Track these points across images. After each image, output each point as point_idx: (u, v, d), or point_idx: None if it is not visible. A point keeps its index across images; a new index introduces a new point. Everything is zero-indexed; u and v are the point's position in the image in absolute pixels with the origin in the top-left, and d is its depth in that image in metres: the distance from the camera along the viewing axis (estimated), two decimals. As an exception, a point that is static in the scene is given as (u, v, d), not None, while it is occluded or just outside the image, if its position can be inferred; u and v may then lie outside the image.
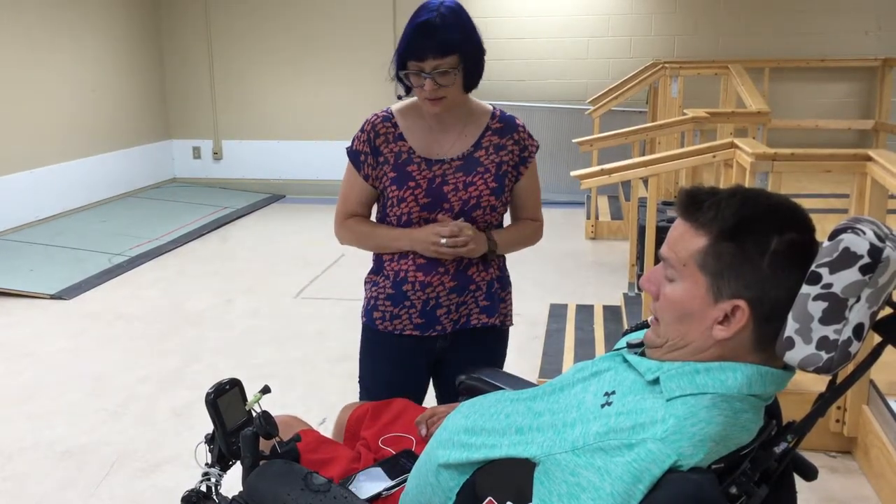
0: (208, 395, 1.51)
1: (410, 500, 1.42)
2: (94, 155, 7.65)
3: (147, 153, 8.48)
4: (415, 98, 1.97)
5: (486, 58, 1.98)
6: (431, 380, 2.15)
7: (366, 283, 2.12)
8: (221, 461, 1.56)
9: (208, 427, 1.57)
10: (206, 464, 1.57)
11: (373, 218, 2.09)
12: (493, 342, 2.13)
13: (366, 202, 2.06)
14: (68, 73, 7.30)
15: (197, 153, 8.81)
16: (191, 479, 1.62)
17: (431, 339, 2.04)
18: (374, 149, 1.99)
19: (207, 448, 1.58)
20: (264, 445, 1.49)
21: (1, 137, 6.55)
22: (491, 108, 2.05)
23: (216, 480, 1.56)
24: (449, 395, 2.03)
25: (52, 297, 5.14)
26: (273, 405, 1.58)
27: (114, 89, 7.94)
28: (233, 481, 1.54)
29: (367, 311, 2.10)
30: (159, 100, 8.69)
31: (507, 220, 2.13)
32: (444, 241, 1.91)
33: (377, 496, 1.51)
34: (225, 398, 1.51)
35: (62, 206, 7.22)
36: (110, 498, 2.83)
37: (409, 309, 2.01)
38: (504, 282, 2.12)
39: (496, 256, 2.06)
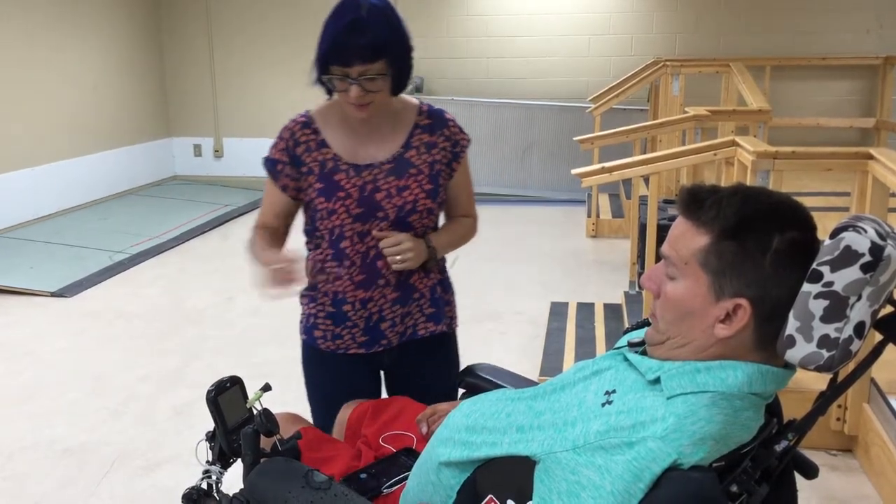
0: (209, 392, 1.51)
1: (411, 497, 1.42)
2: (94, 153, 7.65)
3: (148, 151, 8.48)
4: (335, 97, 1.83)
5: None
6: (386, 388, 2.08)
7: (301, 297, 2.01)
8: (222, 459, 1.56)
9: (209, 426, 1.57)
10: (207, 461, 1.57)
11: (300, 232, 1.96)
12: (442, 349, 2.05)
13: (281, 214, 1.92)
14: (69, 71, 7.30)
15: (198, 151, 8.81)
16: (191, 477, 1.62)
17: (378, 355, 1.96)
18: (294, 158, 1.85)
19: (208, 446, 1.58)
20: (265, 443, 1.49)
21: (2, 135, 6.55)
22: (417, 102, 1.92)
23: (217, 478, 1.56)
24: None
25: (53, 295, 5.14)
26: (274, 403, 1.57)
27: (115, 87, 7.94)
28: (234, 479, 1.53)
29: (307, 329, 1.98)
30: (160, 97, 8.69)
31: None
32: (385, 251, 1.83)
33: (378, 494, 1.51)
34: (226, 396, 1.51)
35: (63, 203, 7.23)
36: (110, 497, 2.83)
37: (351, 328, 1.92)
38: (446, 284, 2.05)
39: (437, 261, 1.96)
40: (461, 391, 1.83)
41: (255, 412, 1.49)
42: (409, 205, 1.84)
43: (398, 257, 1.83)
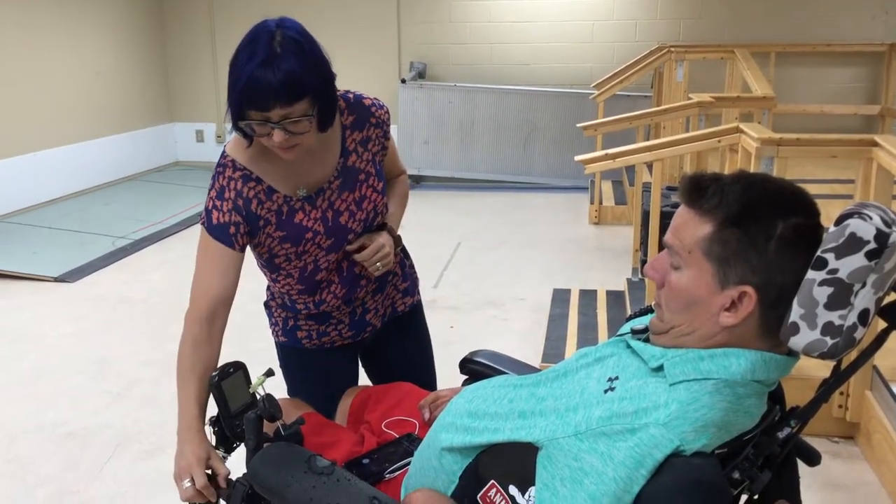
0: (212, 377, 1.51)
1: (414, 482, 1.42)
2: (97, 138, 7.64)
3: (150, 136, 8.47)
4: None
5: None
6: (364, 370, 2.07)
7: (268, 307, 1.95)
8: (225, 443, 1.57)
9: (211, 411, 1.58)
10: (214, 447, 1.58)
11: (244, 289, 1.76)
12: (415, 318, 2.03)
13: (230, 290, 1.67)
14: (72, 57, 7.28)
15: (200, 136, 8.80)
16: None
17: (362, 340, 1.95)
18: (248, 216, 1.66)
19: (212, 430, 1.58)
20: (268, 428, 1.49)
21: (4, 120, 6.54)
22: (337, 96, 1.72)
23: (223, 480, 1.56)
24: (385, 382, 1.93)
25: (56, 280, 5.14)
26: (276, 389, 1.58)
27: (117, 72, 7.93)
28: (237, 463, 1.54)
29: (287, 332, 1.91)
30: (162, 82, 8.67)
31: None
32: (373, 261, 1.76)
33: (380, 479, 1.51)
34: (229, 381, 1.51)
35: (65, 189, 7.23)
36: (114, 480, 2.84)
37: (336, 325, 1.88)
38: (405, 252, 2.01)
39: (400, 240, 1.92)
40: (463, 377, 1.83)
41: (257, 397, 1.49)
42: (371, 213, 1.78)
43: (378, 264, 1.78)
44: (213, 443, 1.57)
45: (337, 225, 1.73)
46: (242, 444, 1.51)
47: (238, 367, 1.54)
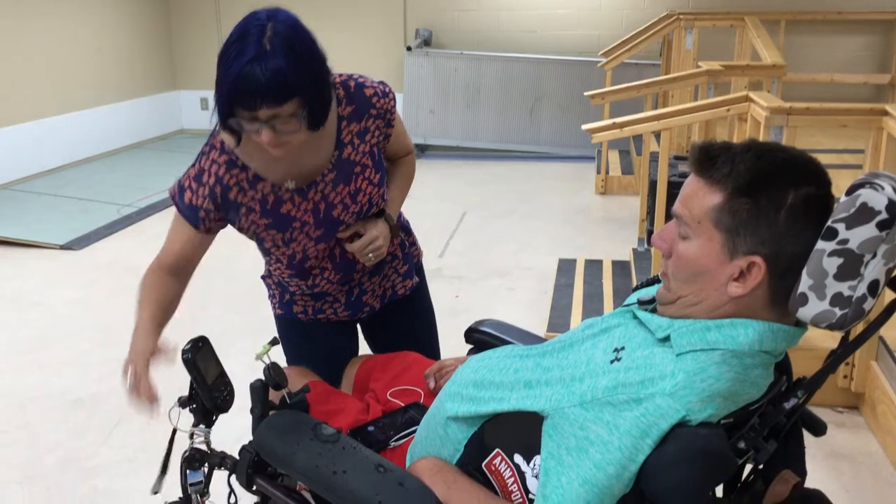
0: (185, 353, 1.49)
1: (419, 451, 1.43)
2: (101, 105, 7.61)
3: (154, 104, 8.44)
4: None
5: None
6: (367, 343, 2.06)
7: (265, 280, 1.93)
8: (205, 417, 1.55)
9: (182, 391, 1.57)
10: (193, 424, 1.56)
11: (251, 257, 1.79)
12: (417, 299, 2.01)
13: (191, 258, 1.70)
14: (75, 24, 7.23)
15: (205, 104, 8.76)
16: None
17: (360, 319, 1.95)
18: (225, 204, 1.63)
19: (180, 410, 1.56)
20: (273, 396, 1.50)
21: (7, 88, 6.52)
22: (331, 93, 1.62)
23: (205, 438, 1.56)
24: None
25: (62, 247, 5.15)
26: (282, 358, 1.58)
27: (121, 39, 7.87)
28: (243, 431, 1.54)
29: (284, 305, 1.89)
30: (166, 50, 8.61)
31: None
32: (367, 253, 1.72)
33: (385, 447, 1.52)
34: (200, 355, 1.51)
35: (70, 156, 7.21)
36: (121, 446, 2.87)
37: (332, 304, 1.87)
38: (407, 230, 1.97)
39: (399, 227, 1.88)
40: (469, 347, 1.83)
41: (263, 365, 1.49)
42: (366, 205, 1.72)
43: (371, 255, 1.74)
44: (194, 422, 1.56)
45: (329, 217, 1.69)
46: (222, 415, 1.52)
47: (205, 341, 1.53)
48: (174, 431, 1.55)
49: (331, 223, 1.70)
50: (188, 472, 1.58)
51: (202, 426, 1.56)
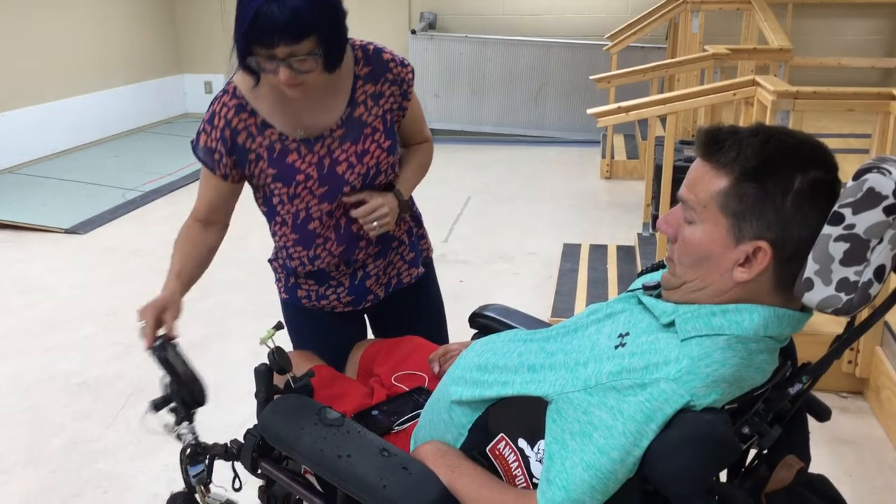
0: (157, 351, 1.51)
1: (423, 435, 1.43)
2: (105, 89, 7.60)
3: (159, 87, 8.42)
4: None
5: None
6: (372, 331, 2.05)
7: (272, 263, 1.94)
8: (185, 411, 1.55)
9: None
10: (175, 423, 1.57)
11: (253, 215, 1.82)
12: (424, 290, 2.00)
13: (219, 206, 1.75)
14: (80, 7, 7.21)
15: (209, 88, 8.74)
16: (203, 412, 1.63)
17: (364, 309, 1.93)
18: (234, 148, 1.66)
19: (155, 413, 1.56)
20: (278, 380, 1.50)
21: (11, 71, 6.51)
22: (349, 49, 1.68)
23: (192, 432, 1.56)
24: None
25: (67, 231, 5.16)
26: (288, 342, 1.58)
27: (125, 22, 7.85)
28: (248, 416, 1.55)
29: (289, 289, 1.90)
30: (170, 34, 8.58)
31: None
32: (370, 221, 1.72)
33: (389, 431, 1.52)
34: (170, 353, 1.51)
35: (74, 140, 7.21)
36: (126, 429, 2.88)
37: (335, 288, 1.86)
38: (418, 220, 1.97)
39: (409, 206, 1.87)
40: (473, 331, 1.83)
41: (268, 350, 1.49)
42: (373, 169, 1.72)
43: (375, 224, 1.72)
44: (174, 421, 1.57)
45: (333, 174, 1.69)
46: (201, 409, 1.51)
47: (169, 339, 1.54)
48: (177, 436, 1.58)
49: (335, 181, 1.70)
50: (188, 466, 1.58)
51: (185, 423, 1.55)
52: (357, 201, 1.73)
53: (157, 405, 1.55)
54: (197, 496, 1.63)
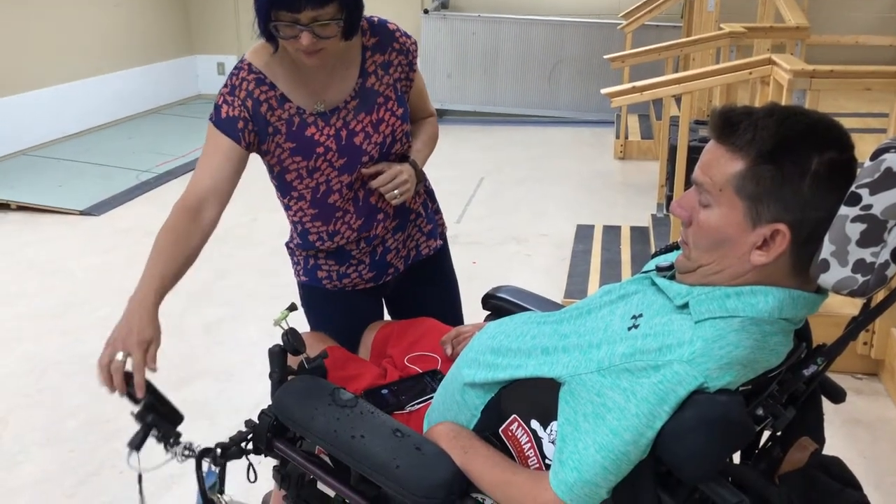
0: (149, 397, 1.44)
1: (436, 416, 1.43)
2: (118, 71, 7.61)
3: (171, 69, 8.42)
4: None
5: None
6: (390, 316, 2.05)
7: (289, 247, 1.93)
8: (175, 435, 1.48)
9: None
10: (170, 446, 1.49)
11: (267, 198, 1.79)
12: (440, 263, 2.01)
13: (223, 185, 1.65)
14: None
15: (221, 69, 8.74)
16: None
17: (385, 284, 1.93)
18: (256, 118, 1.66)
19: (138, 452, 1.46)
20: (292, 362, 1.51)
21: (25, 53, 6.52)
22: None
23: (187, 446, 1.49)
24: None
25: (82, 213, 5.19)
26: (301, 323, 1.59)
27: (137, 4, 7.84)
28: (263, 396, 1.55)
29: (308, 271, 1.89)
30: (183, 15, 8.57)
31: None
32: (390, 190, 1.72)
33: (397, 409, 1.53)
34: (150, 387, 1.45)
35: (88, 122, 7.23)
36: (143, 409, 2.90)
37: (357, 266, 1.86)
38: (431, 195, 1.99)
39: (423, 178, 1.90)
40: (486, 313, 1.83)
41: (281, 331, 1.50)
42: (389, 137, 1.74)
43: (396, 192, 1.74)
44: (171, 443, 1.46)
45: (351, 144, 1.71)
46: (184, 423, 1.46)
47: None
48: (140, 478, 1.47)
49: (353, 151, 1.72)
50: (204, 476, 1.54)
51: (181, 442, 1.48)
52: (375, 172, 1.74)
53: (138, 443, 1.44)
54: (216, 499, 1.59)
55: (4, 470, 2.58)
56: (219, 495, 1.58)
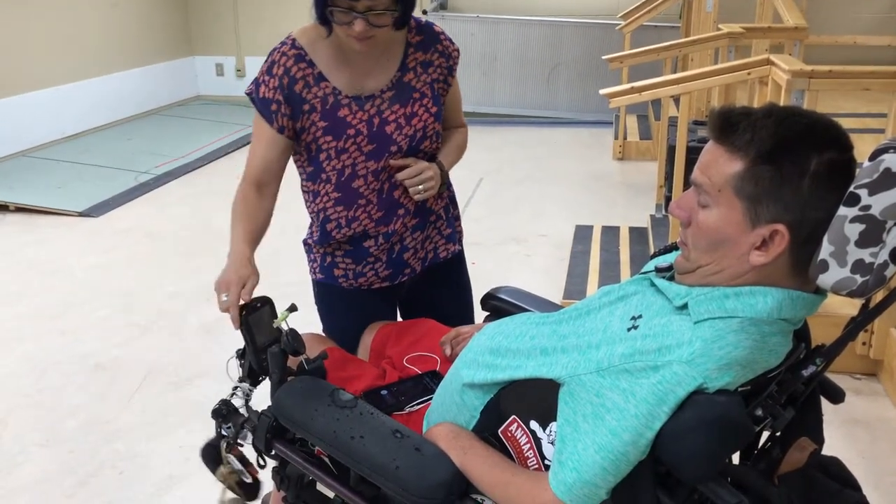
0: (244, 321, 1.51)
1: (436, 417, 1.44)
2: (116, 72, 7.60)
3: (170, 70, 8.41)
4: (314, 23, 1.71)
5: None
6: (399, 315, 2.06)
7: (306, 244, 1.96)
8: (252, 376, 1.59)
9: (237, 343, 1.59)
10: (239, 378, 1.60)
11: (294, 174, 1.83)
12: (455, 271, 2.03)
13: (273, 164, 1.76)
14: (89, -12, 7.21)
15: (220, 70, 8.73)
16: (219, 393, 1.66)
17: (400, 284, 1.94)
18: (291, 96, 1.71)
19: (238, 363, 1.60)
20: (292, 362, 1.51)
21: (24, 54, 6.52)
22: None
23: (246, 394, 1.59)
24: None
25: (81, 214, 5.19)
26: (300, 324, 1.59)
27: (136, 4, 7.83)
28: (262, 396, 1.56)
29: (325, 269, 1.92)
30: (182, 16, 8.57)
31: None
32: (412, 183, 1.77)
33: (396, 410, 1.53)
34: (255, 316, 1.52)
35: (87, 123, 7.22)
36: (142, 410, 2.91)
37: (373, 264, 1.87)
38: (454, 201, 2.02)
39: (447, 182, 1.92)
40: (485, 314, 1.83)
41: (281, 332, 1.50)
42: (420, 132, 1.78)
43: (420, 187, 1.77)
44: (241, 374, 1.60)
45: (382, 132, 1.74)
46: (268, 378, 1.53)
47: (265, 303, 1.55)
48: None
49: (383, 139, 1.75)
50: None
51: (247, 383, 1.58)
52: (402, 164, 1.77)
53: (239, 356, 1.61)
54: (222, 450, 1.73)
55: (4, 470, 2.58)
56: (225, 445, 1.63)
